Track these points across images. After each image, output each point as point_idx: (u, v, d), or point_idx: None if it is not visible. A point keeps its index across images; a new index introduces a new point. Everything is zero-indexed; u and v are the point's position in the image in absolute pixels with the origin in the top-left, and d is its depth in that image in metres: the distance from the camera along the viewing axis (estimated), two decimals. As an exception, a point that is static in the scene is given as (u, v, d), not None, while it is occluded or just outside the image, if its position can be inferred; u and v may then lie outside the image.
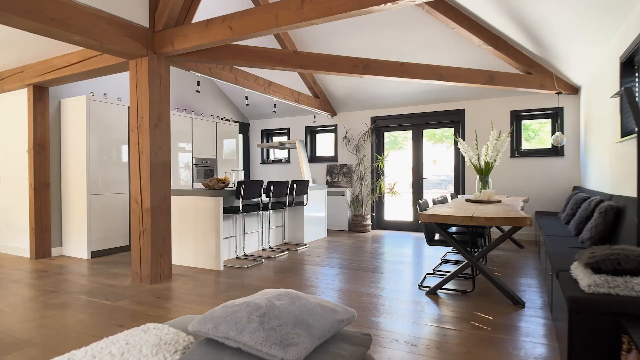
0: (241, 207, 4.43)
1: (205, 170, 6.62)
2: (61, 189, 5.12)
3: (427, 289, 3.54)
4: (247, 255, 5.04)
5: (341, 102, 7.33)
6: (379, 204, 7.46)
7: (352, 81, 6.64)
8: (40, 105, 4.87)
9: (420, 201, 3.73)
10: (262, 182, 4.70)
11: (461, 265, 3.42)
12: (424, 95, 6.62)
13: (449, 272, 4.15)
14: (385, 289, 3.57)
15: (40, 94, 4.85)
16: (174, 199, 4.56)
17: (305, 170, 6.30)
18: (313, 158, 8.11)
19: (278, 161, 8.40)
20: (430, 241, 3.68)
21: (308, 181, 5.73)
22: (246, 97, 5.41)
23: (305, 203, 5.78)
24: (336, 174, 7.66)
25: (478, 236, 3.83)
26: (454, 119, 6.76)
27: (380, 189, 7.20)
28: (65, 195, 5.07)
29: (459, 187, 6.73)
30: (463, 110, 6.62)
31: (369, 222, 7.10)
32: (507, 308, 3.06)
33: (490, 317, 2.87)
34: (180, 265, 4.54)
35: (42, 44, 4.28)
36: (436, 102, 6.78)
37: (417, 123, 7.06)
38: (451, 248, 5.32)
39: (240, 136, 8.52)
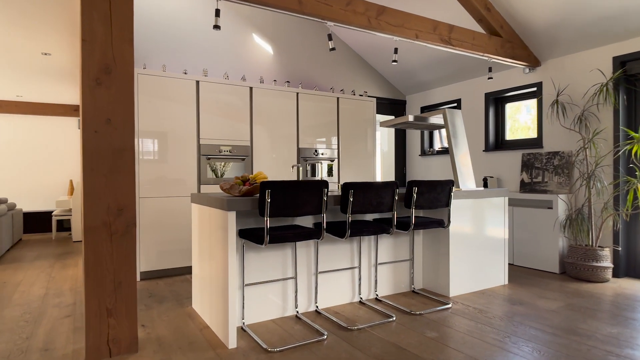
0: (267, 233, 2.28)
1: (316, 165, 4.69)
2: (128, 189, 4.20)
3: None
4: (319, 313, 2.84)
5: (547, 38, 4.05)
6: (631, 228, 3.78)
7: (563, -14, 3.38)
8: (100, 87, 4.03)
9: None
10: (323, 183, 2.41)
11: None
12: None
13: None
14: None
15: (99, 75, 4.01)
16: (198, 209, 2.83)
17: (459, 163, 3.51)
18: (498, 144, 5.00)
19: (444, 151, 5.64)
20: None
21: (450, 182, 3.00)
22: (329, 38, 3.17)
23: (445, 223, 3.08)
24: (539, 169, 4.38)
25: None
26: None
27: (634, 198, 3.57)
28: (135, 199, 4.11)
29: None
30: None
31: (606, 262, 3.61)
32: None
33: None
34: (202, 317, 2.77)
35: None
36: None
37: None
38: None
39: (388, 118, 6.19)
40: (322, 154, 4.72)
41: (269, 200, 2.26)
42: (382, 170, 6.64)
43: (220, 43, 4.56)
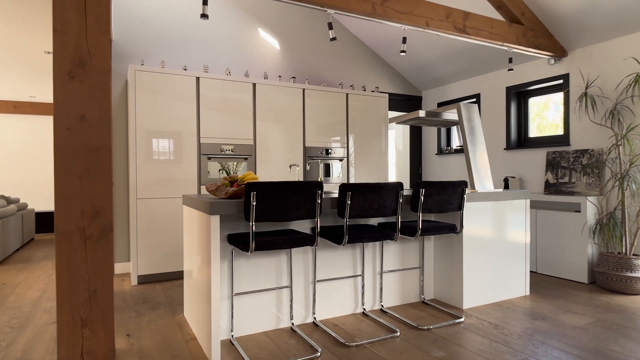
0: (252, 239, 2.07)
1: (323, 164, 4.47)
2: (128, 190, 4.10)
3: None
4: (317, 325, 2.61)
5: (575, 25, 3.69)
6: (673, 235, 3.39)
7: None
8: (100, 85, 3.93)
9: None
10: (316, 185, 2.19)
11: None
12: None
13: None
14: None
15: (99, 72, 3.91)
16: (187, 211, 2.66)
17: (476, 162, 3.22)
18: (521, 141, 4.64)
19: (461, 150, 5.32)
20: None
21: (463, 183, 2.73)
22: (330, 27, 2.94)
23: (457, 228, 2.80)
24: (566, 168, 4.02)
25: None
26: None
27: (676, 201, 3.19)
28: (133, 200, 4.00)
29: None
30: None
31: (642, 272, 3.24)
32: None
33: None
34: (191, 327, 2.60)
35: None
36: None
37: None
38: None
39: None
40: (330, 153, 4.49)
41: (255, 204, 2.06)
42: (396, 170, 6.35)
43: (222, 38, 4.40)
